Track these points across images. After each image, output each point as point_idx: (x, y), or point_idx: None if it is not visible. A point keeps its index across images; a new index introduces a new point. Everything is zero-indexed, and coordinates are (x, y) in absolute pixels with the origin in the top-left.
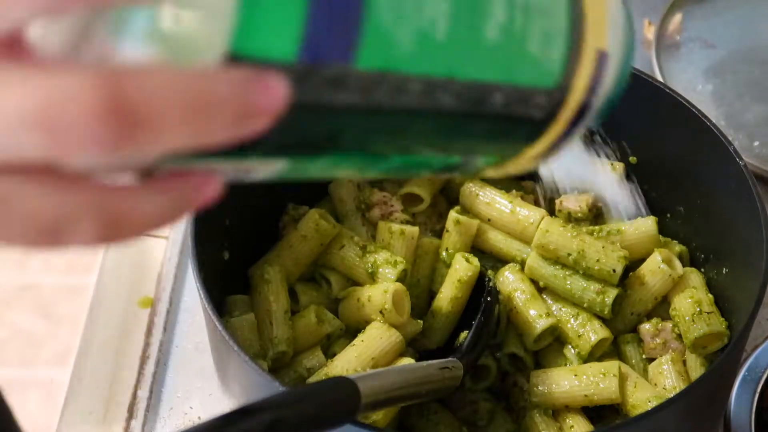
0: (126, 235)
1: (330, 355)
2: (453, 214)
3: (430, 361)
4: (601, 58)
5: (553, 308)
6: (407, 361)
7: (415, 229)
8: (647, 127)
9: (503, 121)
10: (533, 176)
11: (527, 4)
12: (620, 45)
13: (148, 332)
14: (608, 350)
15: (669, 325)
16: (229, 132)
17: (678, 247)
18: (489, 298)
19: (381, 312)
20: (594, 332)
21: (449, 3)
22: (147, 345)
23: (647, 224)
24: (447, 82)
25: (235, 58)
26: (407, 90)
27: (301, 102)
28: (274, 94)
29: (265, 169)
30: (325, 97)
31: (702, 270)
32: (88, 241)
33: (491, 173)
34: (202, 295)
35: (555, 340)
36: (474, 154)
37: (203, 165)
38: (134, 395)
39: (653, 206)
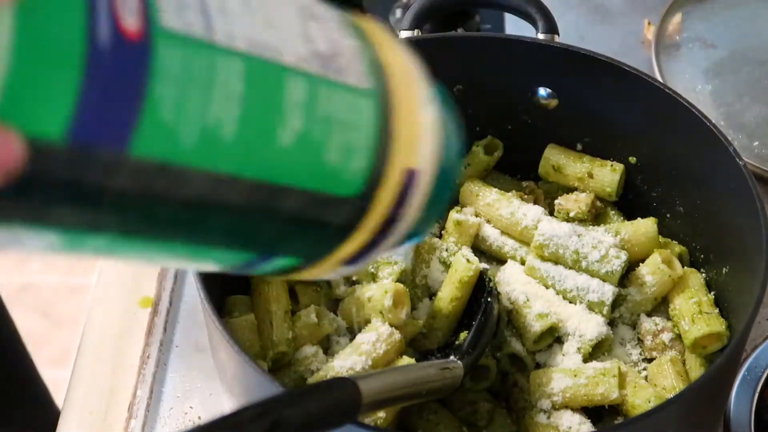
0: None
1: (330, 355)
2: (453, 215)
3: (430, 362)
4: (410, 175)
5: (553, 308)
6: (407, 361)
7: None
8: (647, 127)
9: (301, 223)
10: (533, 176)
11: (328, 118)
12: (433, 164)
13: (148, 332)
14: (608, 350)
15: (669, 325)
16: None
17: (678, 248)
18: (489, 298)
19: (381, 312)
20: (594, 332)
21: (239, 105)
22: (147, 345)
23: (647, 225)
24: (233, 181)
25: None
26: (188, 183)
27: (66, 180)
28: (6, 154)
29: (37, 242)
30: (94, 179)
31: (702, 270)
32: None
33: (296, 276)
34: (202, 295)
35: (555, 340)
36: (270, 253)
37: None
38: (134, 395)
39: (653, 206)
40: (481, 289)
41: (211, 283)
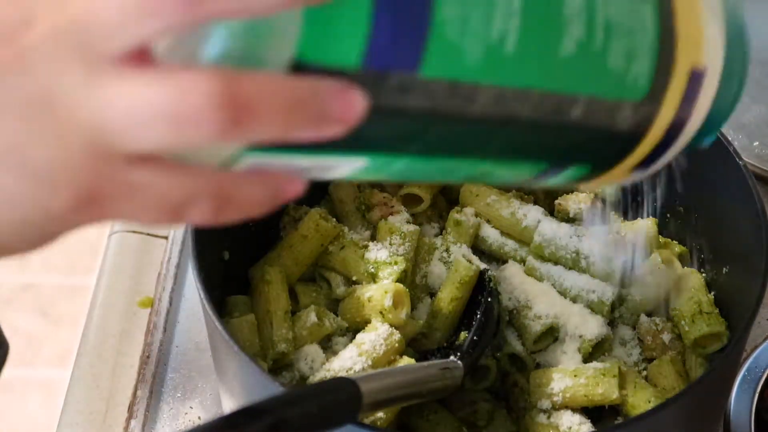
0: (231, 215)
1: (330, 355)
2: (453, 215)
3: (430, 362)
4: (695, 75)
5: (553, 308)
6: (407, 361)
7: (416, 229)
8: None
9: (589, 131)
10: None
11: (609, 24)
12: (719, 62)
13: (148, 332)
14: (608, 350)
15: (669, 325)
16: (311, 131)
17: (678, 248)
18: (489, 298)
19: (381, 312)
20: (594, 332)
21: (520, 19)
22: (147, 345)
23: (647, 225)
24: (519, 93)
25: (301, 65)
26: (478, 99)
27: (371, 105)
28: (353, 105)
29: (346, 167)
30: (392, 102)
31: (702, 270)
32: (203, 218)
33: (590, 186)
34: (202, 295)
35: (555, 340)
36: (561, 162)
37: (288, 159)
38: (134, 395)
39: (653, 206)
40: (481, 289)
41: (211, 283)
